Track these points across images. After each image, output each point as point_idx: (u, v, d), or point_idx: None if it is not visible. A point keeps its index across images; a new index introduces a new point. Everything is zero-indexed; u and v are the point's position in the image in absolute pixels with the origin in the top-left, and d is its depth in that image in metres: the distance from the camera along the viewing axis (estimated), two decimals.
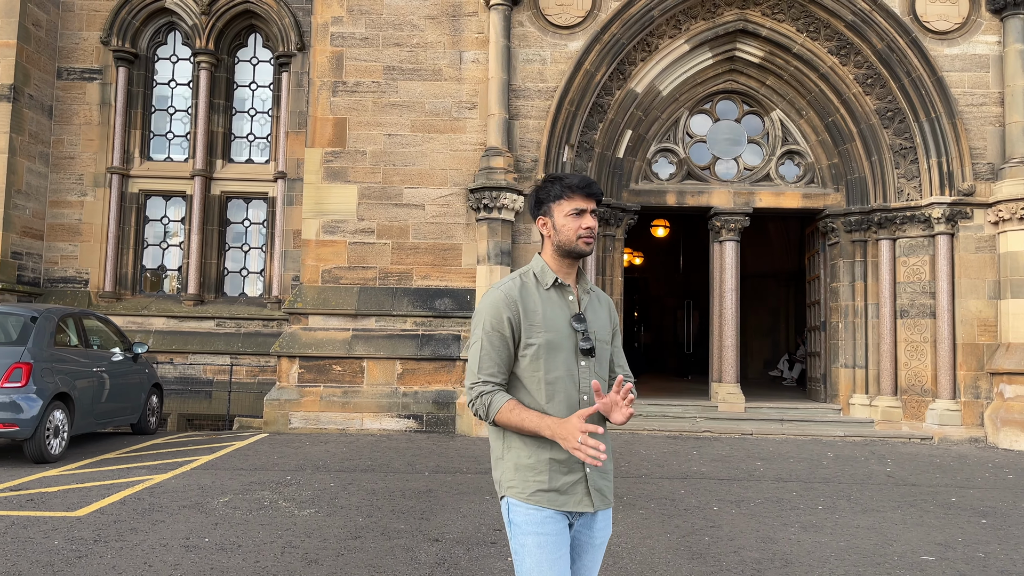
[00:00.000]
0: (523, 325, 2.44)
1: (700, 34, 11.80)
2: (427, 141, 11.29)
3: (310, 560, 5.01)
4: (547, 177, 2.61)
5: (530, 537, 2.36)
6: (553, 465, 2.40)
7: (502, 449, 2.48)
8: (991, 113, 11.08)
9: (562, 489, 2.40)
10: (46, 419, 8.14)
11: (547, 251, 2.57)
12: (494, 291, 2.50)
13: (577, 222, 2.49)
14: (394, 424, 10.77)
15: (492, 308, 2.46)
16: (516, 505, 2.41)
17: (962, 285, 10.96)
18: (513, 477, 2.43)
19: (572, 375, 2.45)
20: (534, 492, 2.39)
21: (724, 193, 12.29)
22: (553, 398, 2.43)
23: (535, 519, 2.38)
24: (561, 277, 2.52)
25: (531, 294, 2.48)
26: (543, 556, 2.34)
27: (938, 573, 5.01)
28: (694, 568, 5.02)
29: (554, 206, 2.53)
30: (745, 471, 8.44)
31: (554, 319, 2.47)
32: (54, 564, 4.82)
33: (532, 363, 2.44)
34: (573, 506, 2.40)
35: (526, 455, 2.41)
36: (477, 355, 2.45)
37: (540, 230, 2.57)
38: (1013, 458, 9.74)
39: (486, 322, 2.45)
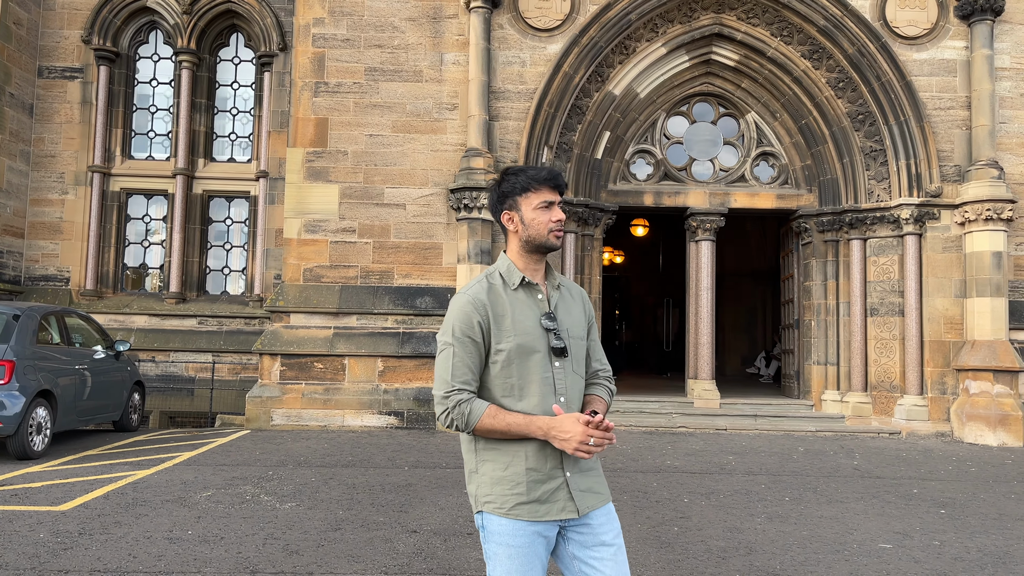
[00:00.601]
0: (493, 330, 2.34)
1: (677, 37, 12.02)
2: (408, 142, 11.45)
3: (291, 551, 5.16)
4: (508, 170, 2.49)
5: (501, 548, 2.30)
6: (531, 475, 2.31)
7: (476, 462, 2.38)
8: (958, 117, 11.38)
9: (542, 498, 2.31)
10: (29, 416, 8.23)
11: (513, 248, 2.46)
12: (461, 296, 2.39)
13: (547, 215, 2.40)
14: (375, 421, 10.92)
15: (461, 313, 2.35)
16: (492, 519, 2.32)
17: (929, 284, 11.27)
18: (490, 492, 2.33)
19: (547, 378, 2.35)
20: (514, 506, 2.30)
21: (700, 194, 12.53)
22: (528, 403, 2.33)
23: (508, 531, 2.30)
24: (528, 275, 2.42)
25: (499, 296, 2.38)
26: (512, 566, 2.28)
27: (894, 560, 5.24)
28: (661, 556, 5.22)
29: (521, 199, 2.42)
30: (717, 465, 8.67)
31: (524, 321, 2.37)
32: (40, 556, 4.95)
33: (504, 369, 2.34)
34: (556, 514, 2.31)
35: (501, 467, 2.32)
36: (449, 363, 2.33)
37: (505, 225, 2.46)
38: (977, 452, 10.05)
39: (456, 328, 2.34)
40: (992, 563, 5.21)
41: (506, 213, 2.45)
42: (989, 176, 10.91)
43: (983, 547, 5.59)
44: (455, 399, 2.29)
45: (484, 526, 2.34)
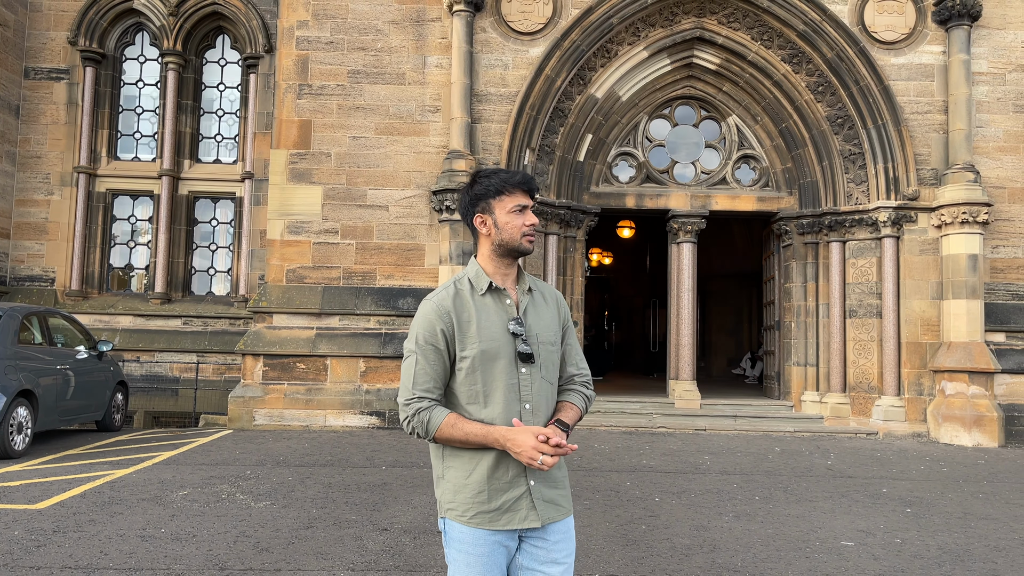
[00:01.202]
0: (457, 337, 2.33)
1: (659, 41, 12.13)
2: (391, 143, 11.53)
3: (261, 548, 5.24)
4: (480, 172, 2.46)
5: (461, 555, 2.31)
6: (493, 483, 2.30)
7: (442, 468, 2.38)
8: (936, 121, 11.51)
9: (504, 507, 2.31)
10: (9, 416, 8.28)
11: (483, 252, 2.43)
12: (427, 303, 2.38)
13: (520, 219, 2.38)
14: (357, 421, 10.99)
15: (424, 321, 2.34)
16: (453, 526, 2.34)
17: (907, 286, 11.39)
18: (453, 499, 2.33)
19: (512, 384, 2.33)
20: (475, 515, 2.30)
21: (681, 196, 12.64)
22: (491, 410, 2.32)
23: (468, 539, 2.30)
24: (497, 280, 2.40)
25: (465, 303, 2.35)
26: (470, 573, 2.29)
27: (853, 557, 5.35)
28: (626, 553, 5.32)
29: (495, 202, 2.39)
30: (692, 464, 8.77)
31: (489, 327, 2.34)
32: (13, 553, 5.01)
33: (468, 376, 2.33)
34: (518, 523, 2.31)
35: (464, 474, 2.32)
36: (412, 370, 2.33)
37: (477, 228, 2.42)
38: (951, 452, 10.17)
39: (419, 336, 2.34)
40: (950, 560, 5.32)
41: (479, 216, 2.42)
42: (965, 180, 11.04)
43: (943, 545, 5.70)
44: (415, 407, 2.30)
45: (446, 531, 2.36)
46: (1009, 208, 11.40)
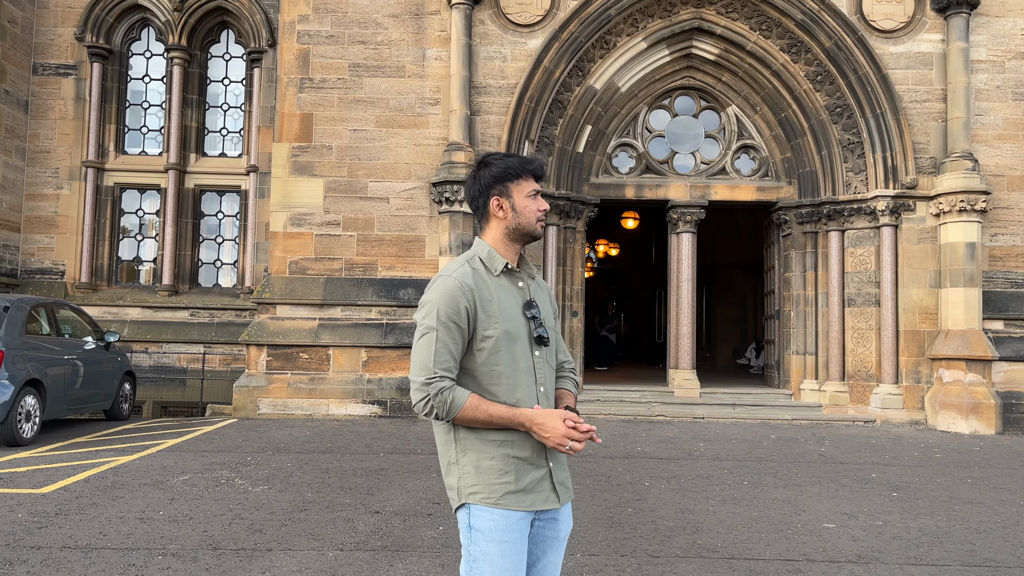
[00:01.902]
0: (480, 316, 2.27)
1: (657, 32, 12.18)
2: (391, 136, 11.66)
3: (255, 530, 5.40)
4: (492, 155, 2.42)
5: (494, 544, 2.21)
6: (518, 464, 2.26)
7: (456, 453, 2.29)
8: (934, 109, 11.52)
9: (529, 488, 2.26)
10: (18, 404, 8.50)
11: (494, 235, 2.39)
12: (447, 279, 2.28)
13: (535, 203, 2.37)
14: (359, 410, 11.17)
15: (448, 297, 2.25)
16: (481, 511, 2.24)
17: (905, 275, 11.43)
18: (476, 481, 2.25)
19: (529, 367, 2.32)
20: (503, 495, 2.23)
21: (681, 186, 12.71)
22: (514, 392, 2.29)
23: (501, 525, 2.22)
24: (510, 263, 2.38)
25: (484, 282, 2.31)
26: (505, 564, 2.21)
27: (833, 538, 5.45)
28: (610, 535, 5.44)
29: (513, 186, 2.35)
30: (686, 451, 8.88)
31: (508, 308, 2.32)
32: (15, 534, 5.20)
33: (491, 356, 2.27)
34: (540, 504, 2.28)
35: (487, 456, 2.25)
36: (431, 348, 2.22)
37: (493, 212, 2.37)
38: (947, 439, 10.23)
39: (440, 312, 2.24)
40: (928, 542, 5.41)
41: (496, 199, 2.36)
42: (963, 168, 11.05)
43: (924, 527, 5.79)
44: (437, 386, 2.20)
45: (472, 525, 2.24)
46: (1008, 196, 11.40)
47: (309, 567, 4.64)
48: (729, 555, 5.04)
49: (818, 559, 4.99)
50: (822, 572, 4.73)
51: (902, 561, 4.97)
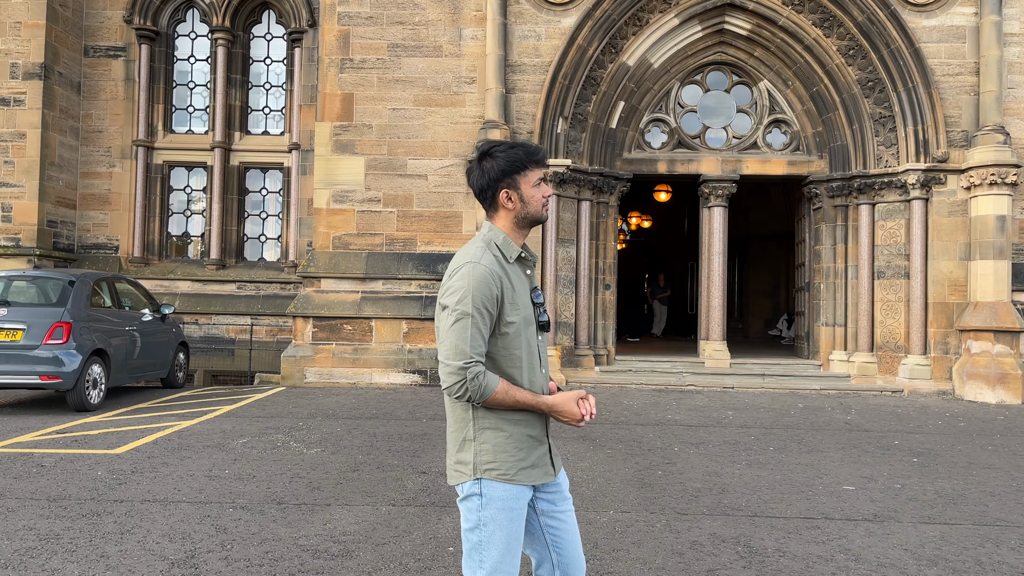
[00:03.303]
0: (506, 302, 2.39)
1: (689, 8, 12.34)
2: (429, 115, 12.02)
3: (314, 487, 5.90)
4: (496, 146, 2.51)
5: (503, 512, 2.39)
6: (529, 441, 2.45)
7: (473, 431, 2.43)
8: (967, 83, 11.57)
9: (536, 463, 2.46)
10: (85, 372, 9.11)
11: (504, 223, 2.49)
12: (476, 266, 2.37)
13: (540, 191, 2.48)
14: (400, 379, 11.68)
15: (482, 285, 2.34)
16: (493, 485, 2.41)
17: (935, 247, 11.58)
18: (494, 458, 2.40)
19: (534, 351, 2.48)
20: (518, 471, 2.42)
21: (712, 161, 12.92)
22: (527, 373, 2.45)
23: (512, 495, 2.41)
24: (521, 251, 2.50)
25: (505, 269, 2.42)
26: (514, 529, 2.42)
27: (851, 499, 5.80)
28: (640, 494, 5.85)
29: (520, 178, 2.46)
30: (715, 419, 9.24)
31: (522, 294, 2.46)
32: (98, 489, 5.75)
33: (513, 340, 2.41)
34: (543, 478, 2.48)
35: (504, 435, 2.41)
36: (466, 333, 2.32)
37: (502, 202, 2.46)
38: (973, 409, 10.45)
39: (475, 299, 2.33)
40: (943, 503, 5.74)
41: (506, 191, 2.46)
42: (995, 141, 11.13)
43: (941, 490, 6.11)
44: (474, 371, 2.31)
45: (483, 493, 2.40)
46: None
47: (366, 519, 5.11)
48: (752, 513, 5.41)
49: (836, 517, 5.34)
50: (839, 529, 5.09)
51: (916, 520, 5.31)
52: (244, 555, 4.43)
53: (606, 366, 12.58)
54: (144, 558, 4.35)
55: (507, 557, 2.42)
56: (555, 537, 2.59)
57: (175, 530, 4.82)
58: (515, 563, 2.45)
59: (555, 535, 2.59)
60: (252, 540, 4.68)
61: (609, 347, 12.89)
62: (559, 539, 2.59)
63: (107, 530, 4.81)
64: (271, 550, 4.51)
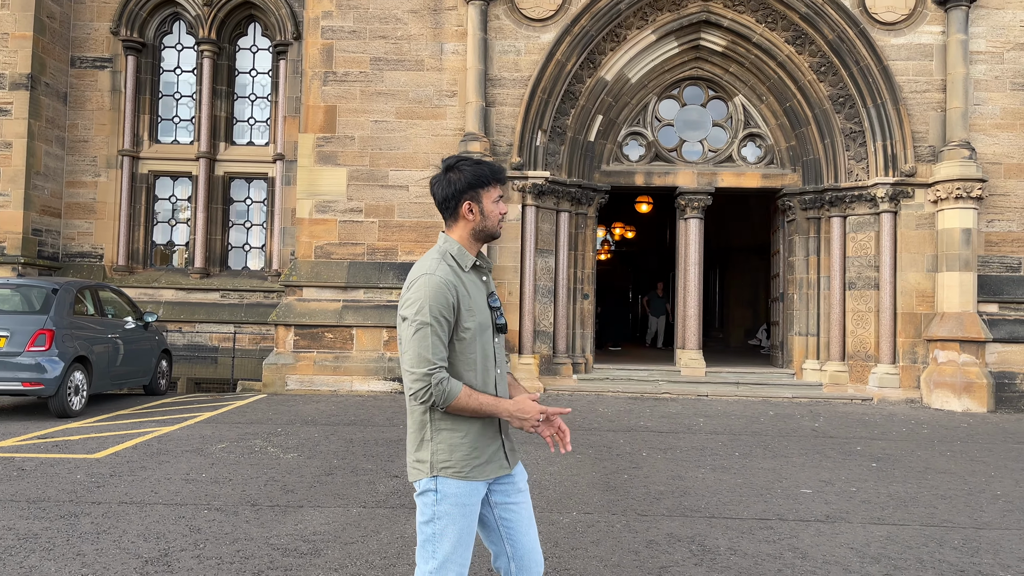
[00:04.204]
0: (462, 309, 2.51)
1: (666, 25, 12.63)
2: (410, 127, 12.25)
3: (288, 490, 6.08)
4: (462, 160, 2.64)
5: (456, 507, 2.54)
6: (480, 440, 2.58)
7: (430, 432, 2.56)
8: (934, 99, 11.90)
9: (488, 459, 2.59)
10: (68, 379, 9.26)
11: (461, 233, 2.62)
12: (431, 277, 2.50)
13: (499, 207, 2.63)
14: (381, 386, 11.85)
15: (437, 294, 2.47)
16: (448, 482, 2.55)
17: (903, 259, 11.88)
18: (448, 458, 2.54)
19: (490, 354, 2.62)
20: (471, 469, 2.55)
21: (689, 173, 13.20)
22: (482, 376, 2.58)
23: (465, 491, 2.55)
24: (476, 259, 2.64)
25: (460, 277, 2.55)
26: (466, 524, 2.57)
27: (807, 501, 6.03)
28: (604, 497, 6.06)
29: (483, 192, 2.59)
30: (686, 426, 9.47)
31: (478, 300, 2.59)
32: (77, 491, 5.91)
33: (469, 345, 2.54)
34: (496, 472, 2.62)
35: (459, 435, 2.55)
36: (427, 341, 2.45)
37: (463, 214, 2.59)
38: (939, 416, 10.72)
39: (432, 308, 2.46)
40: (894, 505, 5.97)
41: (468, 203, 2.59)
42: (960, 156, 11.45)
43: (894, 493, 6.35)
44: (438, 377, 2.44)
45: (439, 489, 2.55)
46: (1005, 183, 11.78)
47: (336, 520, 5.30)
48: (710, 514, 5.63)
49: (789, 519, 5.57)
50: (790, 529, 5.31)
51: (865, 521, 5.54)
52: (216, 553, 4.60)
53: (584, 374, 12.80)
54: (119, 556, 4.52)
55: (459, 549, 2.56)
56: (508, 529, 2.72)
57: (150, 530, 5.00)
58: (466, 555, 2.59)
59: (508, 527, 2.72)
60: (225, 539, 4.85)
61: (587, 355, 13.11)
62: (512, 530, 2.72)
63: (84, 530, 4.98)
64: (242, 549, 4.69)
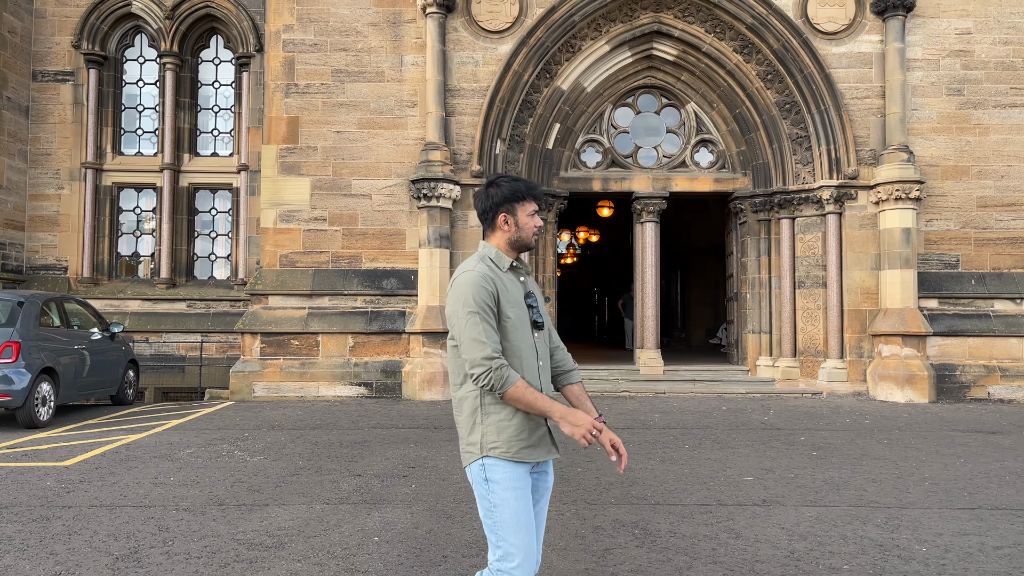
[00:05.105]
0: (501, 300, 2.73)
1: (619, 35, 13.06)
2: (372, 137, 12.53)
3: (254, 490, 6.33)
4: (501, 177, 2.92)
5: (509, 492, 2.70)
6: (529, 424, 2.75)
7: (481, 415, 2.75)
8: (874, 105, 12.45)
9: (536, 443, 2.76)
10: (35, 390, 9.39)
11: (498, 241, 2.88)
12: (470, 273, 2.74)
13: (533, 221, 2.89)
14: (347, 391, 12.10)
15: (476, 287, 2.69)
16: (496, 464, 2.72)
17: (848, 258, 12.40)
18: (496, 438, 2.72)
19: (531, 345, 2.81)
20: (519, 450, 2.72)
21: (644, 179, 13.63)
22: (524, 365, 2.76)
23: (512, 476, 2.72)
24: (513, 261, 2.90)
25: (497, 275, 2.78)
26: (520, 506, 2.71)
27: (747, 488, 6.41)
28: (557, 488, 6.38)
29: (518, 206, 2.85)
30: (641, 422, 9.85)
31: (516, 296, 2.80)
32: (47, 497, 6.11)
33: (511, 334, 2.74)
34: (543, 455, 2.80)
35: (507, 417, 2.73)
36: (479, 329, 2.65)
37: (499, 226, 2.86)
38: (883, 408, 11.23)
39: (475, 298, 2.67)
40: (828, 488, 6.38)
41: (504, 215, 2.86)
42: (899, 159, 12.00)
43: (829, 478, 6.76)
44: (499, 362, 2.63)
45: (489, 477, 2.74)
46: (942, 184, 12.36)
47: (300, 516, 5.57)
48: (655, 502, 5.99)
49: (729, 503, 5.94)
50: (728, 513, 5.68)
51: (799, 504, 5.93)
52: (184, 549, 4.86)
53: None
54: (91, 554, 4.76)
55: (518, 533, 2.71)
56: None
57: (120, 530, 5.23)
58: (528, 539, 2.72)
59: None
60: (192, 537, 5.11)
61: None
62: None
63: (56, 532, 5.20)
64: (209, 544, 4.95)
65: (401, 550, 4.81)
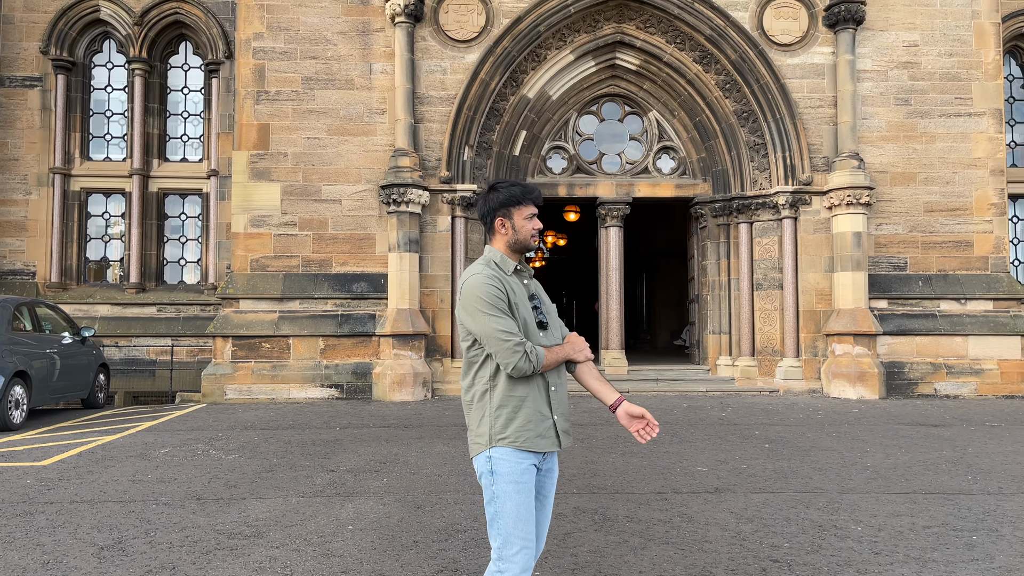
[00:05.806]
0: (511, 297, 2.86)
1: (583, 45, 13.46)
2: (342, 143, 12.78)
3: (230, 485, 6.57)
4: (499, 183, 3.03)
5: (512, 485, 2.79)
6: (536, 416, 2.85)
7: (489, 409, 2.86)
8: (827, 114, 12.99)
9: (542, 434, 2.86)
10: (8, 393, 9.50)
11: (500, 245, 2.98)
12: (478, 275, 2.86)
13: (531, 224, 2.98)
14: (318, 393, 12.32)
15: (485, 286, 2.82)
16: (503, 456, 2.81)
17: (803, 261, 12.92)
18: (504, 430, 2.82)
19: (540, 342, 2.91)
20: (526, 439, 2.81)
21: (608, 185, 14.04)
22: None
23: (516, 470, 2.81)
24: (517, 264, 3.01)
25: (503, 277, 2.90)
26: (521, 499, 2.81)
27: (702, 478, 6.80)
28: None
29: (515, 210, 2.95)
30: (604, 419, 10.21)
31: (522, 297, 2.93)
32: (29, 494, 6.30)
33: (524, 328, 2.86)
34: (548, 447, 2.87)
35: (514, 410, 2.84)
36: (499, 321, 2.79)
37: (497, 229, 2.96)
38: (835, 404, 11.73)
39: (486, 296, 2.81)
40: (776, 478, 6.78)
41: (500, 219, 2.96)
42: (850, 167, 12.54)
43: (778, 468, 7.17)
44: (529, 346, 2.79)
45: (494, 470, 2.84)
46: (891, 190, 12.93)
47: (276, 508, 5.84)
48: (614, 491, 6.34)
49: (683, 491, 6.32)
50: (682, 500, 6.05)
51: (748, 491, 6.33)
52: (166, 539, 5.10)
53: None
54: (76, 545, 4.98)
55: (518, 524, 2.83)
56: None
57: (103, 523, 5.45)
58: (527, 529, 2.85)
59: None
60: (174, 528, 5.35)
61: None
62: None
63: (41, 525, 5.41)
64: (191, 534, 5.20)
65: (374, 537, 5.10)
